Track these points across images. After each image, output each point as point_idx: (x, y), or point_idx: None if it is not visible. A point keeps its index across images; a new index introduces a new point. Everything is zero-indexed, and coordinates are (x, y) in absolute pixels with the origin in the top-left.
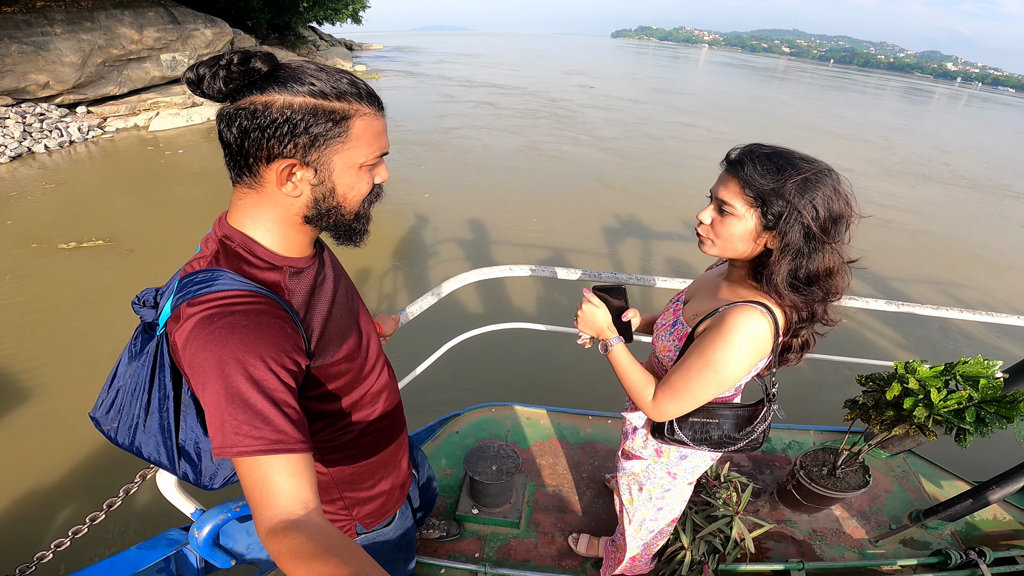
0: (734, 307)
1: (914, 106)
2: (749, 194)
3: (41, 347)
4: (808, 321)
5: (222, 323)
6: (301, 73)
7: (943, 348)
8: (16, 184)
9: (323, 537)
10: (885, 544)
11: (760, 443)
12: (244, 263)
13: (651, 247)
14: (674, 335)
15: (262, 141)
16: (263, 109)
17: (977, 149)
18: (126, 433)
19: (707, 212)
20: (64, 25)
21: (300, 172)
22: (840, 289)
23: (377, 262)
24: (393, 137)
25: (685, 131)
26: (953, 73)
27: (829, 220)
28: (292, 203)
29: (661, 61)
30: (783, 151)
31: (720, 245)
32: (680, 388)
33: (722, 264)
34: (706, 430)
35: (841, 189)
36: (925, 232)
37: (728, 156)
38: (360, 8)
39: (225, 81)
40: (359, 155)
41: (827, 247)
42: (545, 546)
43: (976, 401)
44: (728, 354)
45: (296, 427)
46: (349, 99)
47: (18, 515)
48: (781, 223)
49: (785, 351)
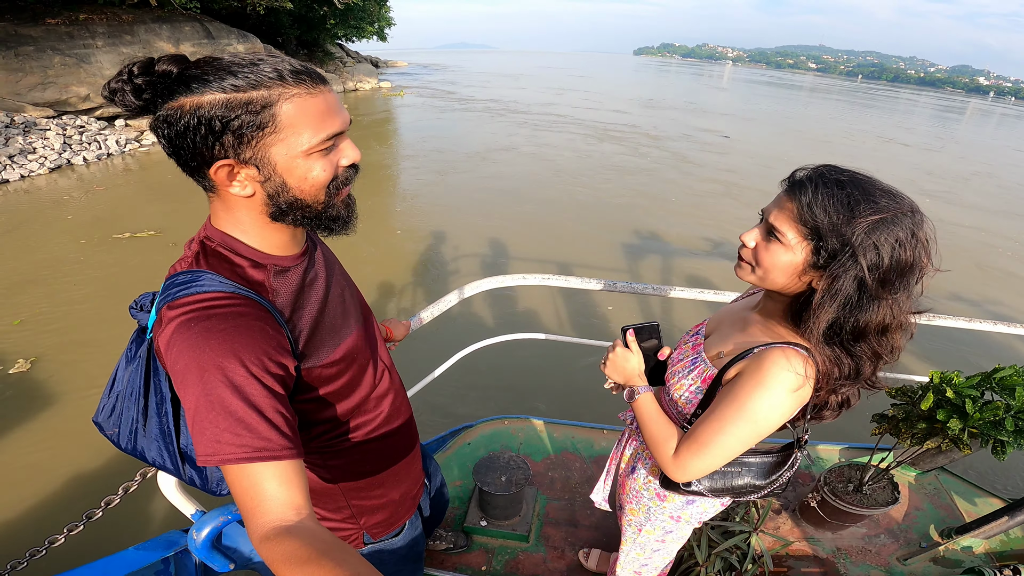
0: (773, 348)
1: (986, 124)
2: (805, 225)
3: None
4: (850, 379)
5: (199, 327)
6: (208, 69)
7: (974, 363)
8: (66, 191)
9: (317, 542)
10: (914, 563)
11: (784, 489)
12: (226, 262)
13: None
14: (695, 373)
15: (189, 147)
16: (176, 115)
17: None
18: (128, 438)
19: (752, 234)
20: (105, 38)
21: (242, 171)
22: (896, 349)
23: (399, 276)
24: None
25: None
26: (986, 88)
27: (894, 271)
28: (250, 203)
29: (743, 88)
30: (863, 180)
31: (759, 274)
32: (710, 443)
33: (751, 294)
34: (728, 479)
35: (920, 235)
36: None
37: (793, 176)
38: (385, 25)
39: (135, 93)
40: (300, 142)
41: (884, 301)
42: (554, 561)
43: (1014, 411)
44: (766, 402)
45: (281, 433)
46: (268, 84)
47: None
48: (834, 265)
49: (821, 407)
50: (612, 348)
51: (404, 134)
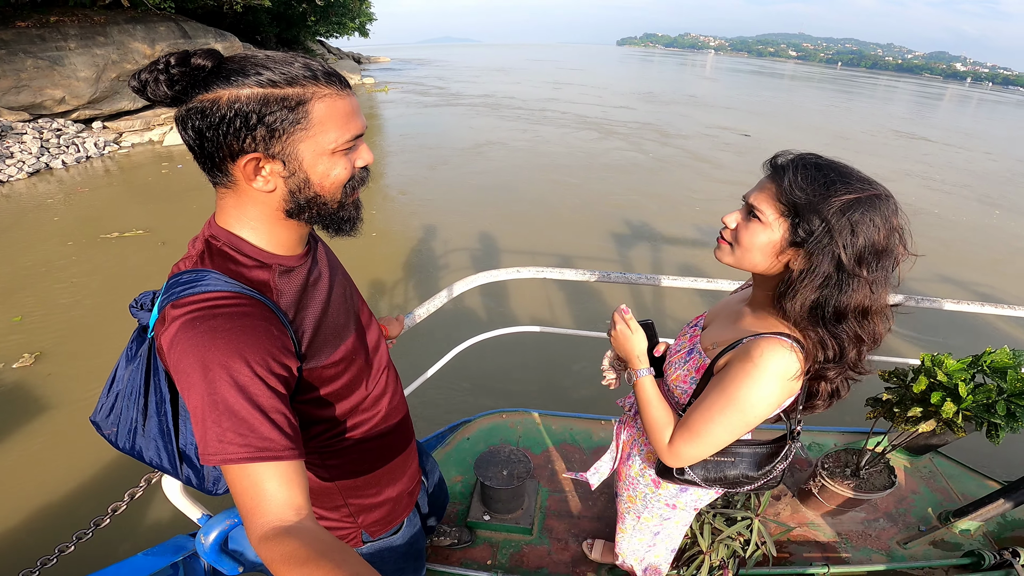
0: (760, 339)
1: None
2: (783, 201)
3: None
4: (835, 362)
5: (204, 327)
6: (246, 64)
7: (966, 344)
8: (47, 194)
9: (316, 542)
10: (914, 546)
11: (778, 481)
12: (231, 262)
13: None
14: (690, 364)
15: (219, 139)
16: (211, 107)
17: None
18: (126, 437)
19: (733, 215)
20: (78, 40)
21: (268, 166)
22: (879, 336)
23: (390, 272)
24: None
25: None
26: (963, 73)
27: (868, 251)
28: (269, 198)
29: (743, 78)
30: (841, 166)
31: (737, 253)
32: (700, 430)
33: (746, 288)
34: (720, 469)
35: (894, 220)
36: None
37: (774, 160)
38: (367, 21)
39: (168, 84)
40: (327, 140)
41: (861, 281)
42: (558, 552)
43: (1006, 394)
44: (754, 391)
45: (283, 433)
46: (303, 83)
47: (37, 515)
48: (810, 241)
49: (812, 396)
50: (613, 325)
51: (389, 130)
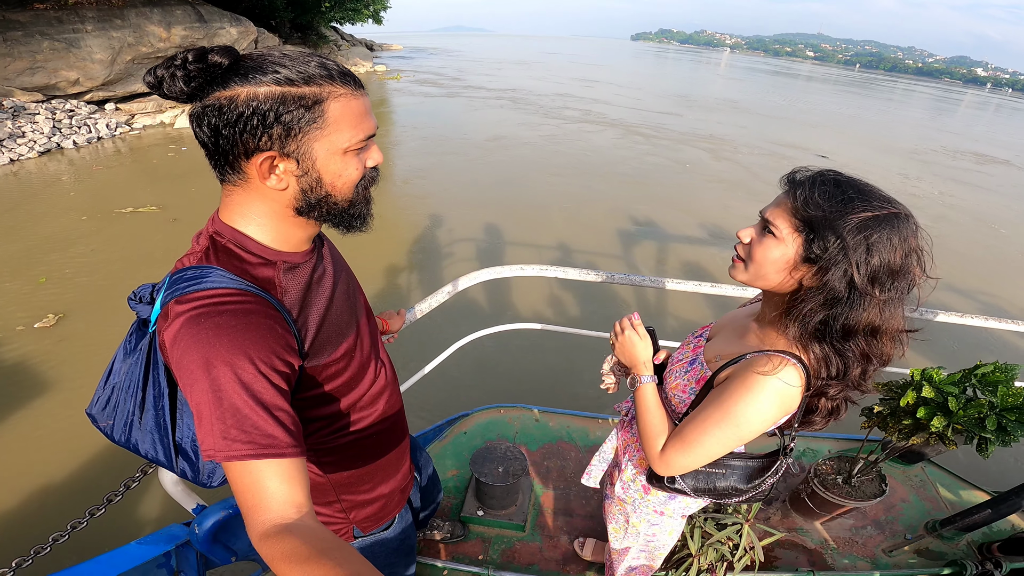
0: (762, 356)
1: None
2: (798, 217)
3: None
4: (837, 379)
5: (209, 323)
6: (263, 62)
7: (968, 356)
8: (59, 173)
9: (317, 540)
10: (899, 554)
11: (767, 495)
12: (235, 259)
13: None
14: (691, 374)
15: (235, 137)
16: (228, 104)
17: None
18: (122, 430)
19: (748, 231)
20: (95, 23)
21: (282, 164)
22: (887, 357)
23: (393, 262)
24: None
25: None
26: (983, 79)
27: (883, 271)
28: (280, 196)
29: (768, 79)
30: (862, 184)
31: (751, 270)
32: (693, 441)
33: (755, 303)
34: (711, 480)
35: (912, 241)
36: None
37: (792, 175)
38: (381, 8)
39: (184, 80)
40: (341, 139)
41: (872, 301)
42: (550, 550)
43: (997, 408)
44: (751, 407)
45: (286, 431)
46: (319, 82)
47: (27, 504)
48: (823, 258)
49: (810, 412)
50: (620, 331)
51: (401, 122)
